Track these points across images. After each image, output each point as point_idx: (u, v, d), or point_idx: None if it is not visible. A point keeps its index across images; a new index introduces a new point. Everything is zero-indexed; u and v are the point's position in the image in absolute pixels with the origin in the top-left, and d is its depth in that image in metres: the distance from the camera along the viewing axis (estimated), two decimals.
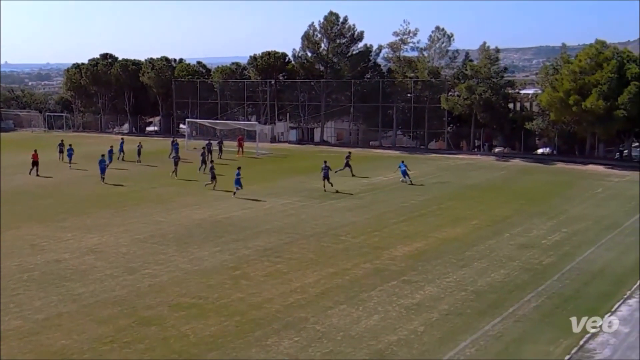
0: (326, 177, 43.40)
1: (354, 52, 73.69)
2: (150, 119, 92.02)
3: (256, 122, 71.93)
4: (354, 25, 73.38)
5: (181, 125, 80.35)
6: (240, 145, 62.49)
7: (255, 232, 32.78)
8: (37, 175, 49.45)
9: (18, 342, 19.85)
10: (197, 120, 74.45)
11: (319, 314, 21.88)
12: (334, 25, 72.92)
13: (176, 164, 49.56)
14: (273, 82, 76.84)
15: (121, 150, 58.54)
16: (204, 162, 51.35)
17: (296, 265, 27.20)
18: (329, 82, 73.54)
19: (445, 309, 22.27)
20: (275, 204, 39.56)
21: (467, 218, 35.65)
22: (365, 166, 55.61)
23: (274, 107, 77.37)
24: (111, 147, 55.37)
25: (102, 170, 46.56)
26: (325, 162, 44.25)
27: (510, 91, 66.06)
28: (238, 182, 40.22)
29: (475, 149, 66.64)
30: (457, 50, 69.70)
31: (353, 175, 48.56)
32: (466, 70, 65.60)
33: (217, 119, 74.99)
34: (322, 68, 74.69)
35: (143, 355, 18.83)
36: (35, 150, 51.30)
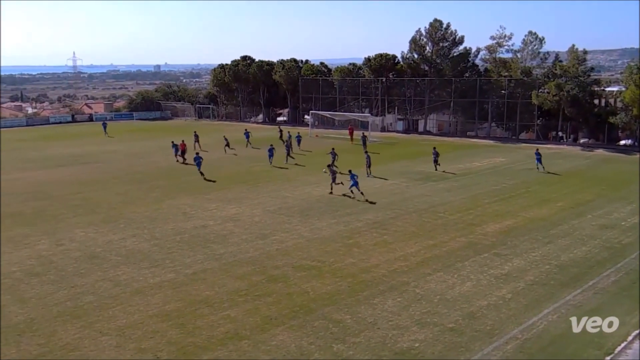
0: (435, 161, 43.98)
1: (455, 54, 72.43)
2: (280, 111, 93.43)
3: (369, 114, 71.92)
4: (455, 30, 72.25)
5: (306, 116, 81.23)
6: (351, 134, 62.19)
7: (366, 207, 32.82)
8: (185, 162, 48.37)
9: (172, 291, 20.80)
10: (319, 112, 75.23)
11: (419, 279, 21.76)
12: (437, 31, 71.86)
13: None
14: (384, 80, 76.37)
15: (247, 138, 58.55)
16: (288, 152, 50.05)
17: (400, 237, 27.10)
18: (432, 80, 72.61)
19: (531, 279, 21.66)
20: (384, 184, 39.45)
21: (553, 200, 34.37)
22: (462, 153, 54.64)
23: (384, 101, 76.96)
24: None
25: (271, 155, 46.31)
26: (434, 147, 44.78)
27: (595, 89, 62.87)
28: None
29: (562, 140, 64.17)
30: (547, 52, 66.98)
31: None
32: (556, 70, 63.10)
33: (335, 111, 75.46)
34: (426, 68, 73.74)
35: (271, 307, 19.30)
36: (183, 140, 51.12)
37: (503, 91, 68.38)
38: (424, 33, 72.71)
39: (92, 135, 70.81)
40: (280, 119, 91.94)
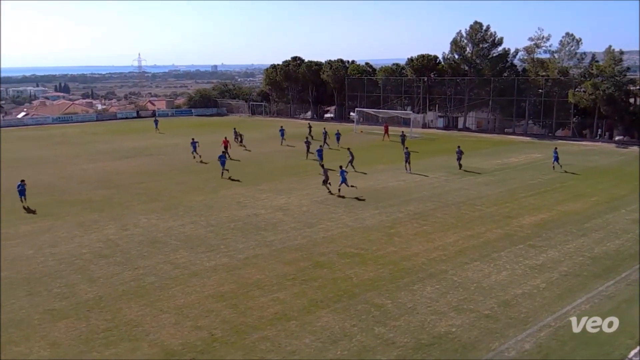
0: (459, 158, 42.32)
1: (494, 55, 71.03)
2: (328, 108, 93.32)
3: (411, 111, 71.28)
4: (495, 32, 70.83)
5: (351, 113, 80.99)
6: (386, 131, 60.98)
7: (407, 199, 32.62)
8: (228, 157, 45.82)
9: (226, 274, 21.08)
10: (364, 109, 74.90)
11: (457, 267, 21.55)
12: (478, 33, 70.66)
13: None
14: (426, 79, 75.56)
15: (282, 136, 57.18)
16: (308, 149, 48.16)
17: (439, 228, 26.86)
18: (472, 80, 71.50)
19: (565, 270, 21.21)
20: (424, 177, 39.10)
21: (587, 195, 33.53)
22: (500, 149, 53.78)
23: (426, 99, 76.14)
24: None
25: (320, 156, 42.66)
26: (458, 146, 43.22)
27: (631, 88, 60.97)
28: None
29: (597, 137, 62.45)
30: (584, 53, 65.24)
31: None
32: (592, 70, 61.46)
33: (379, 108, 75.06)
34: (466, 68, 72.60)
35: (317, 291, 19.40)
36: (225, 137, 50.84)
37: (540, 90, 66.85)
38: (464, 35, 71.65)
39: (154, 129, 71.95)
40: (327, 115, 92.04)
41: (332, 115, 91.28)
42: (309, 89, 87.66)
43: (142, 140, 62.32)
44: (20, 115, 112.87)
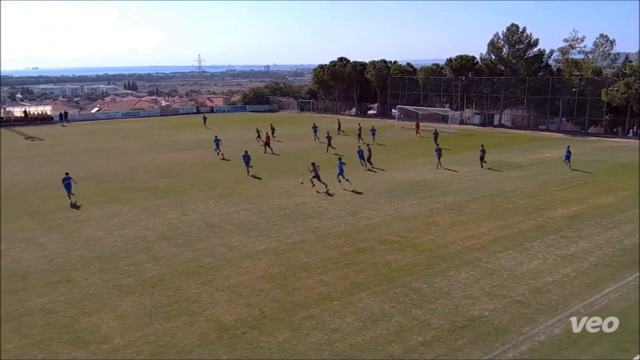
0: (482, 157, 40.13)
1: (530, 55, 69.33)
2: (371, 105, 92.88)
3: (449, 109, 70.30)
4: (530, 33, 69.21)
5: (393, 110, 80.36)
6: (417, 128, 60.04)
7: (444, 191, 32.23)
8: (271, 152, 47.20)
9: (275, 257, 21.28)
10: (405, 107, 74.16)
11: (490, 256, 21.21)
12: (514, 34, 69.11)
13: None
14: (464, 78, 74.39)
15: (315, 132, 55.25)
16: (329, 144, 47.75)
17: (474, 218, 26.46)
18: (507, 79, 69.97)
19: (595, 260, 20.63)
20: (460, 171, 38.53)
21: (618, 189, 32.44)
22: (534, 144, 52.50)
23: (464, 97, 74.93)
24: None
25: (361, 156, 40.31)
26: (482, 145, 41.37)
27: None
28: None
29: (629, 134, 60.27)
30: (617, 53, 63.04)
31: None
32: (625, 70, 59.27)
33: (419, 106, 74.27)
34: (502, 68, 71.05)
35: (358, 274, 19.40)
36: (267, 133, 50.60)
37: (574, 89, 64.91)
38: (501, 36, 70.19)
39: (211, 124, 72.76)
40: (370, 112, 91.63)
41: (375, 112, 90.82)
42: (354, 87, 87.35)
43: (201, 133, 63.14)
44: (93, 110, 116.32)
